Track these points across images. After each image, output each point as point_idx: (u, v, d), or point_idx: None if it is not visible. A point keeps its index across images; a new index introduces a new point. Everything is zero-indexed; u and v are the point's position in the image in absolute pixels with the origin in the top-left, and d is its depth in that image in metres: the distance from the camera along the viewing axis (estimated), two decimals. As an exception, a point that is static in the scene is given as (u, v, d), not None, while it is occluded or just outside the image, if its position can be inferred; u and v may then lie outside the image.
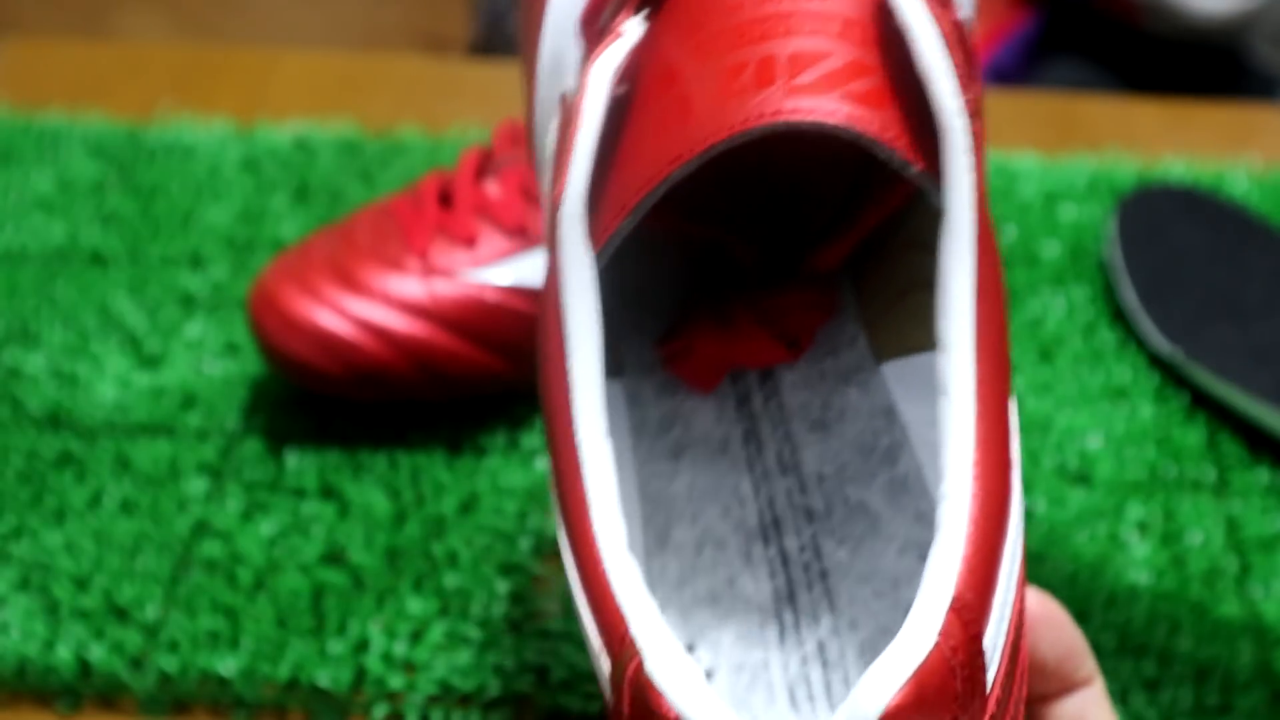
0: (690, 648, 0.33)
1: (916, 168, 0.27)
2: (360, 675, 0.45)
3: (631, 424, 0.34)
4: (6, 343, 0.57)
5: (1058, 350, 0.57)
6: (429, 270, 0.51)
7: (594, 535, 0.27)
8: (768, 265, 0.35)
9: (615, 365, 0.35)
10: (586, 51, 0.30)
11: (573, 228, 0.27)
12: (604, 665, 0.26)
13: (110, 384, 0.55)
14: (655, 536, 0.33)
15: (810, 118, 0.26)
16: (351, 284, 0.51)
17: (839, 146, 0.29)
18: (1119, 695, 0.45)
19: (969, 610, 0.24)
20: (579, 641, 0.46)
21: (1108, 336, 0.58)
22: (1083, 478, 0.52)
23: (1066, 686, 0.34)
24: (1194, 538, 0.50)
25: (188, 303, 0.58)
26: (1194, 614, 0.47)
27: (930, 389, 0.33)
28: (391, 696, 0.45)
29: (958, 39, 0.28)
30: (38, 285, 0.59)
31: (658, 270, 0.37)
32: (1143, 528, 0.50)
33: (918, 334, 0.33)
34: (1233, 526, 0.50)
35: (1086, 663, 0.34)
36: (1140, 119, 0.72)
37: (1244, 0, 1.03)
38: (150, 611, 0.47)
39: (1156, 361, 0.57)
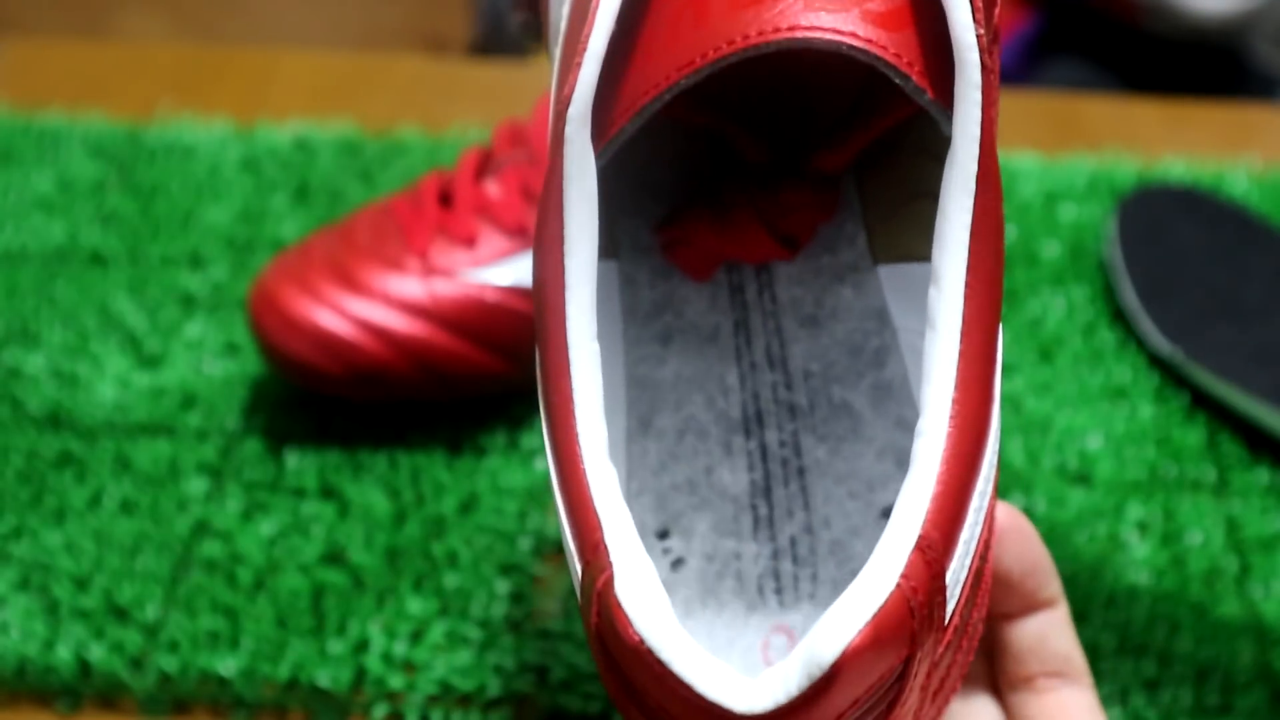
0: (664, 534, 0.33)
1: (928, 95, 0.27)
2: (360, 675, 0.45)
3: (624, 306, 0.34)
4: (6, 343, 0.57)
5: (1058, 350, 0.57)
6: (429, 270, 0.51)
7: (576, 437, 0.27)
8: (772, 161, 0.35)
9: (612, 246, 0.35)
10: None
11: (579, 131, 0.27)
12: (576, 568, 0.26)
13: (110, 384, 0.55)
14: (638, 421, 0.33)
15: (826, 36, 0.26)
16: (351, 284, 0.51)
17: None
18: (1119, 695, 0.45)
19: (934, 549, 0.24)
20: (579, 641, 0.46)
21: (1108, 336, 0.58)
22: (1083, 478, 0.52)
23: (1029, 605, 0.34)
24: (1194, 538, 0.50)
25: (188, 303, 0.58)
26: (1194, 614, 0.47)
27: (925, 298, 0.33)
28: (391, 696, 0.45)
29: None
30: (38, 285, 0.59)
31: (661, 154, 0.36)
32: (1143, 528, 0.50)
33: (918, 242, 0.33)
34: (1233, 526, 0.50)
35: (1051, 583, 0.34)
36: (1140, 119, 0.72)
37: (1244, 0, 1.03)
38: (150, 611, 0.47)
39: (1156, 361, 0.57)
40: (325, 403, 0.54)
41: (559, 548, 0.49)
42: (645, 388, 0.34)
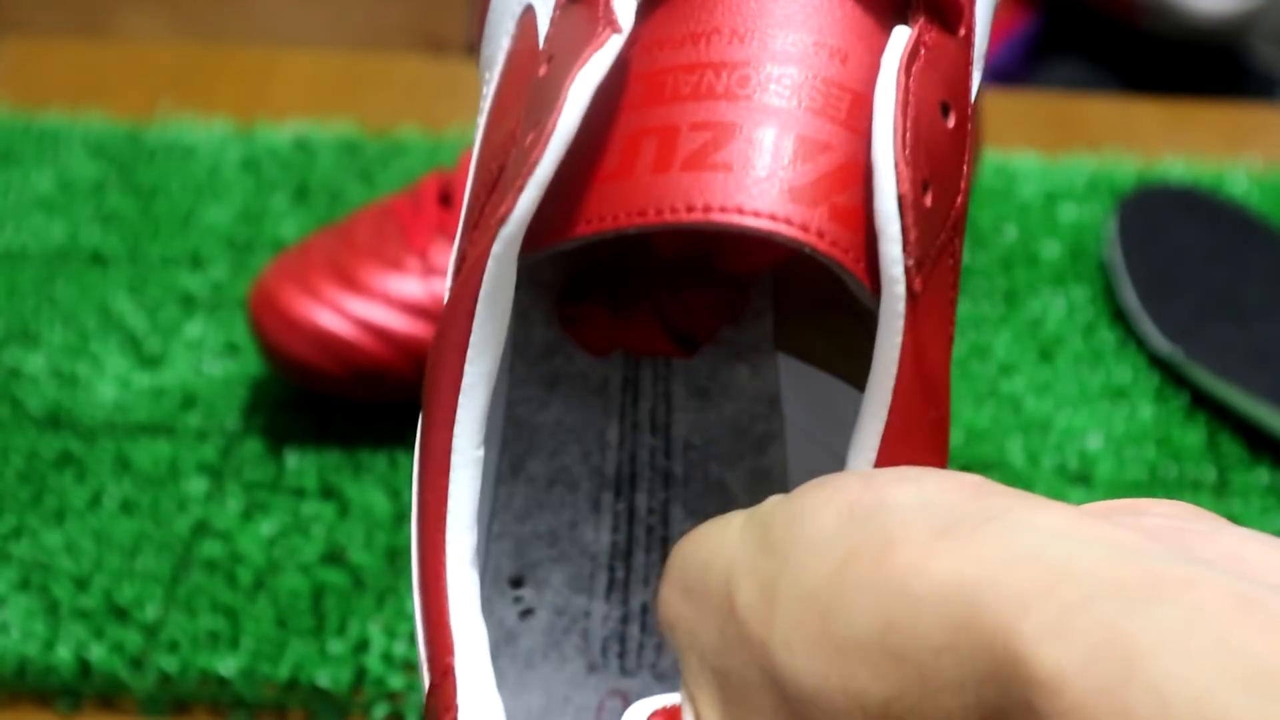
0: (517, 582, 0.32)
1: (875, 296, 0.25)
2: (360, 675, 0.45)
3: (515, 342, 0.33)
4: (6, 343, 0.57)
5: (1058, 350, 0.57)
6: (429, 270, 0.51)
7: (444, 543, 0.26)
8: (682, 253, 0.33)
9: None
10: None
11: (507, 251, 0.25)
12: (425, 679, 0.26)
13: (110, 384, 0.55)
14: (510, 463, 0.33)
15: (790, 232, 0.24)
16: (351, 284, 0.51)
17: None
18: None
19: None
20: (579, 641, 0.46)
21: (1108, 336, 0.58)
22: (1083, 478, 0.52)
23: None
24: (1194, 538, 0.50)
25: (188, 303, 0.58)
26: (1194, 614, 0.47)
27: (818, 404, 0.32)
28: (391, 696, 0.45)
29: (949, 133, 0.26)
30: (38, 285, 0.59)
31: None
32: (1143, 528, 0.50)
33: (823, 349, 0.33)
34: (1233, 526, 0.50)
35: None
36: (1140, 119, 0.72)
37: (1244, 0, 1.03)
38: (150, 611, 0.47)
39: (1156, 361, 0.57)
40: (325, 403, 0.54)
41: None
42: (523, 429, 0.33)
